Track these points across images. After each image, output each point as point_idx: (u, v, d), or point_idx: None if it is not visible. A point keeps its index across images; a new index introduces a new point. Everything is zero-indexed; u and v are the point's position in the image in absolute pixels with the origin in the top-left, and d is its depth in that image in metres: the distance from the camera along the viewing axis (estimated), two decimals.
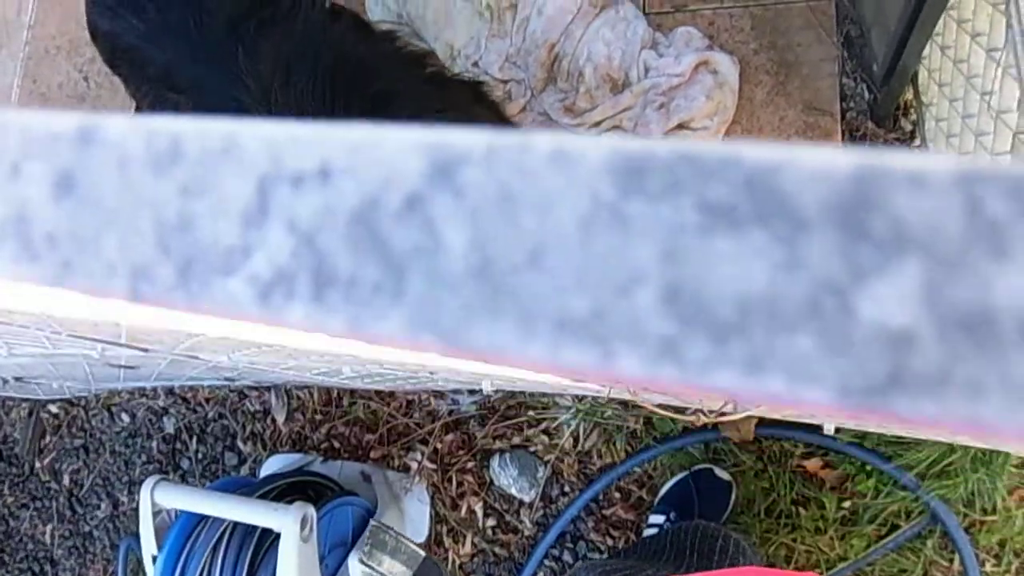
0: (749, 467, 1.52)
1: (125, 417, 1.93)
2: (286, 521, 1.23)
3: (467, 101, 1.41)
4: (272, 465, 1.77)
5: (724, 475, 1.51)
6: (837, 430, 1.43)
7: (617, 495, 1.60)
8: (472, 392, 1.68)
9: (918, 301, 0.09)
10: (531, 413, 1.64)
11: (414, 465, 1.70)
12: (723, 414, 1.42)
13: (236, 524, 1.32)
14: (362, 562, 1.22)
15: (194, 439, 1.87)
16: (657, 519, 1.51)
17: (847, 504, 1.48)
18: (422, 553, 1.26)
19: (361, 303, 0.12)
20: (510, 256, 0.11)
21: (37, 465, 2.01)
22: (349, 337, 0.11)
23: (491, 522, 1.66)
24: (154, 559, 1.34)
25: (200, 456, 1.87)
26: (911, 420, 0.09)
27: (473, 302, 0.11)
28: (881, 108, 1.50)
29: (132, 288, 0.13)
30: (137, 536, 1.38)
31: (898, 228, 0.10)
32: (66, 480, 1.98)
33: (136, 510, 1.39)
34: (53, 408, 1.99)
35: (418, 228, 0.12)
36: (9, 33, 2.05)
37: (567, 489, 1.63)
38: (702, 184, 0.10)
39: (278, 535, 1.24)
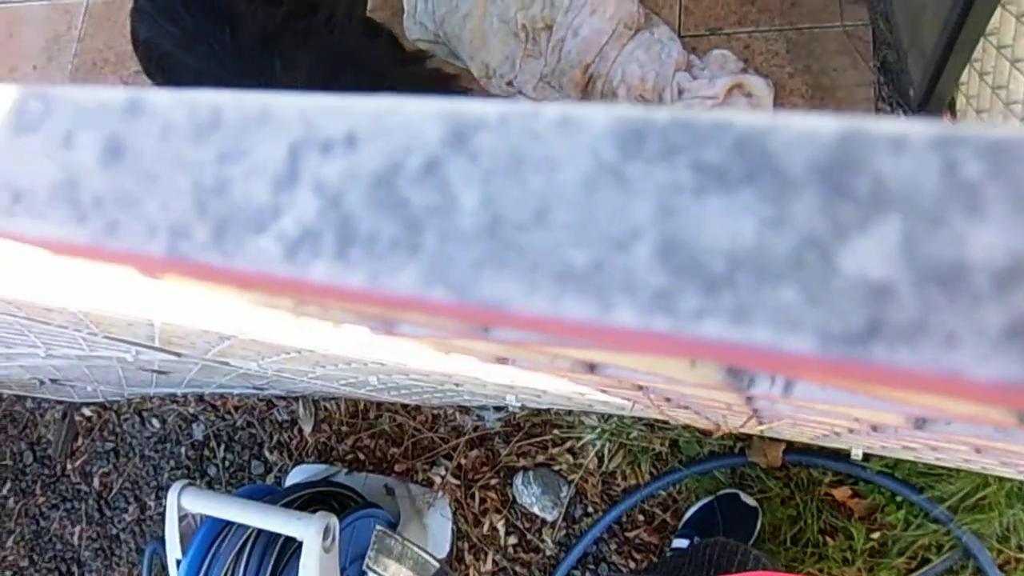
0: (776, 494, 1.50)
1: (156, 422, 1.97)
2: (309, 530, 1.23)
3: None
4: (297, 475, 1.78)
5: (750, 501, 1.49)
6: (866, 457, 1.41)
7: (641, 518, 1.59)
8: (498, 409, 1.68)
9: (897, 256, 0.10)
10: (556, 432, 1.64)
11: (438, 480, 1.70)
12: (747, 436, 1.41)
13: (260, 531, 1.34)
14: (368, 568, 1.23)
15: (222, 446, 1.89)
16: (681, 543, 1.49)
17: (876, 535, 1.45)
18: (435, 563, 1.25)
19: (379, 259, 0.12)
20: (518, 214, 0.12)
21: (69, 467, 2.04)
22: (367, 293, 0.12)
23: (513, 540, 1.65)
24: (178, 563, 1.36)
25: (227, 463, 1.89)
26: (889, 370, 0.10)
27: (482, 257, 0.12)
28: None
29: (171, 246, 0.14)
30: (162, 540, 1.40)
31: (879, 188, 0.10)
32: (96, 483, 2.01)
33: (162, 515, 1.41)
34: (86, 411, 2.03)
35: (435, 189, 0.12)
36: (60, 47, 2.12)
37: (590, 510, 1.62)
38: (697, 147, 0.11)
39: (300, 544, 1.25)
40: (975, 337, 0.10)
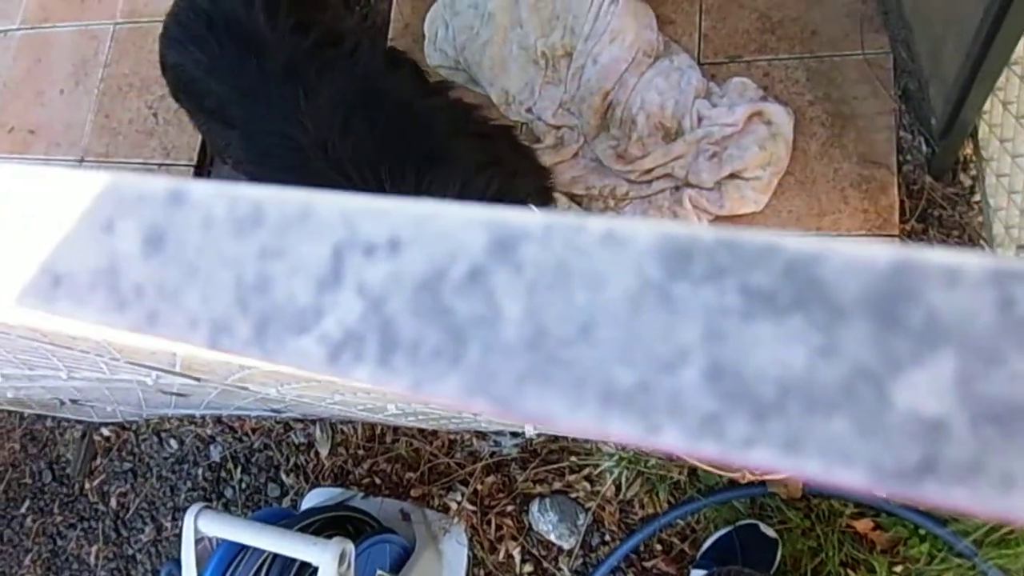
0: (796, 525, 1.48)
1: (173, 443, 1.97)
2: (324, 556, 1.23)
3: (508, 151, 1.44)
4: (313, 498, 1.78)
5: (770, 532, 1.47)
6: None
7: (659, 547, 1.57)
8: (514, 435, 1.67)
9: (952, 392, 0.10)
10: (573, 459, 1.63)
11: (454, 506, 1.69)
12: (769, 472, 1.39)
13: (275, 556, 1.33)
14: None
15: (239, 468, 1.90)
16: (699, 574, 1.47)
17: (899, 569, 1.42)
18: None
19: (422, 366, 0.12)
20: (562, 328, 0.12)
21: (87, 486, 2.05)
22: (411, 396, 0.12)
23: (528, 568, 1.64)
24: None
25: (244, 486, 1.89)
26: (943, 504, 0.09)
27: (526, 370, 0.12)
28: (939, 162, 1.48)
29: (212, 340, 0.14)
30: (178, 562, 1.40)
31: (933, 321, 0.10)
32: (113, 502, 2.02)
33: (179, 536, 1.41)
34: (105, 431, 2.04)
35: (478, 299, 0.12)
36: (87, 71, 2.15)
37: (607, 538, 1.60)
38: (744, 270, 0.11)
39: (316, 569, 1.24)
40: None
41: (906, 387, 0.10)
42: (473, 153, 1.27)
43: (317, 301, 0.14)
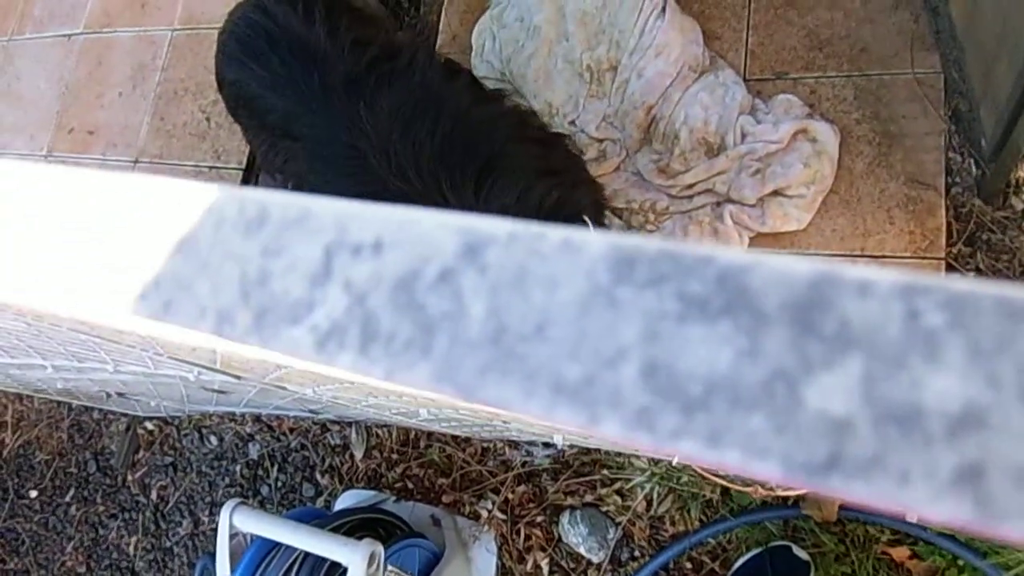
0: (830, 549, 1.45)
1: (213, 439, 2.02)
2: (354, 557, 1.25)
3: (565, 159, 1.46)
4: (346, 500, 1.81)
5: (802, 555, 1.45)
6: None
7: (689, 565, 1.56)
8: (547, 445, 1.68)
9: (857, 394, 0.11)
10: (605, 472, 1.63)
11: (484, 513, 1.70)
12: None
13: (307, 554, 1.36)
14: None
15: (275, 467, 1.93)
16: None
17: None
18: None
19: (395, 356, 0.14)
20: (520, 326, 0.13)
21: (129, 478, 2.11)
22: (386, 383, 0.13)
23: None
24: None
25: (279, 484, 1.92)
26: (846, 497, 0.10)
27: (487, 362, 0.13)
28: (990, 184, 1.45)
29: (217, 328, 0.15)
30: (213, 556, 1.43)
31: (845, 328, 0.11)
32: (154, 495, 2.07)
33: (215, 530, 1.45)
34: (149, 425, 2.10)
35: (448, 297, 0.14)
36: (144, 75, 2.23)
37: (637, 554, 1.59)
38: (682, 278, 0.12)
39: (346, 570, 1.26)
40: (926, 478, 0.10)
41: (817, 388, 0.11)
42: (532, 160, 1.28)
43: (309, 295, 0.15)
